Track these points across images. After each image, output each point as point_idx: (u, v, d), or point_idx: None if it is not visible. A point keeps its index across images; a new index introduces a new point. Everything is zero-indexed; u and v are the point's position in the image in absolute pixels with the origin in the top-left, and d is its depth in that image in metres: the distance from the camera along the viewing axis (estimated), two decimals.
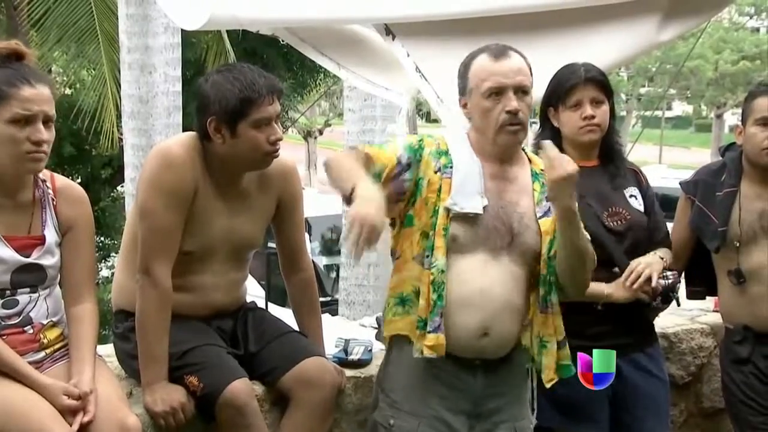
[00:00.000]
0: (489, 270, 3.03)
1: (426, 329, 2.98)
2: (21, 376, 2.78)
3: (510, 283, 3.05)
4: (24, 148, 2.76)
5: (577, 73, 3.53)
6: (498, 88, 3.01)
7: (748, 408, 3.73)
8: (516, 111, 3.00)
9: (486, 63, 3.07)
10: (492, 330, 3.03)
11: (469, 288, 3.01)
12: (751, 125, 3.67)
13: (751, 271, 3.68)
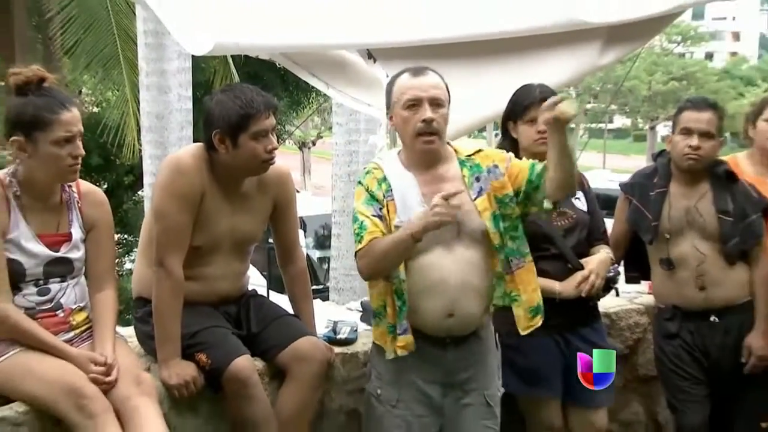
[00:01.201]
0: (445, 261, 3.05)
1: (396, 332, 3.04)
2: (55, 350, 2.82)
3: (466, 267, 3.07)
4: (66, 163, 2.84)
5: (532, 92, 3.54)
6: (415, 100, 3.04)
7: (676, 375, 3.78)
8: (431, 120, 3.02)
9: (406, 80, 3.11)
10: (455, 311, 3.06)
11: (431, 279, 3.04)
12: (677, 134, 3.72)
13: (678, 259, 3.72)
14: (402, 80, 3.12)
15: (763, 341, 3.70)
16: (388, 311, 3.07)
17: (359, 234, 3.01)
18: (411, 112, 3.04)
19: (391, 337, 3.07)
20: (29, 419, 2.76)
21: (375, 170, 3.14)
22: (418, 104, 3.04)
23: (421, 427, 3.17)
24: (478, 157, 3.17)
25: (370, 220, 3.01)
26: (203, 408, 3.13)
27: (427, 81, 3.08)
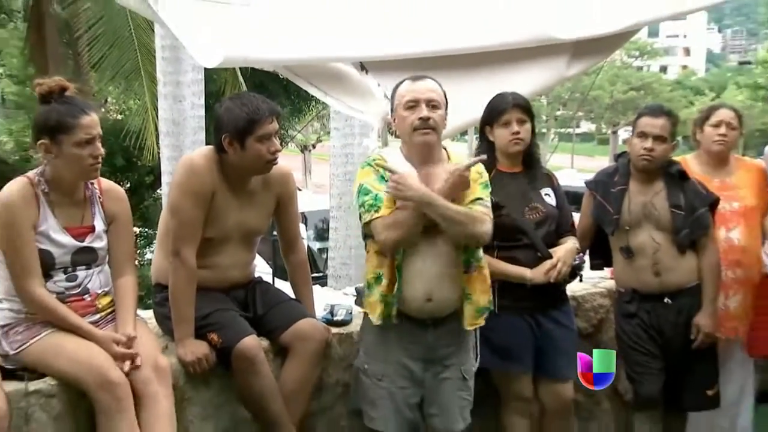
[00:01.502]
0: (426, 252, 3.07)
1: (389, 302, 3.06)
2: (83, 331, 2.83)
3: (444, 258, 3.09)
4: (88, 163, 2.85)
5: (506, 99, 3.56)
6: (414, 101, 3.09)
7: (634, 350, 3.78)
8: (427, 118, 3.06)
9: (406, 85, 3.16)
10: (434, 296, 3.08)
11: (414, 268, 3.06)
12: (635, 138, 3.74)
13: (636, 248, 3.73)
14: (403, 86, 3.17)
15: (709, 320, 3.72)
16: (384, 282, 3.06)
17: (375, 205, 3.01)
18: (410, 111, 3.09)
19: (382, 305, 3.07)
20: (60, 392, 2.77)
21: (379, 159, 3.16)
22: (416, 105, 3.09)
23: (403, 397, 3.18)
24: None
25: (384, 195, 3.02)
26: (214, 382, 3.12)
27: (424, 85, 3.14)
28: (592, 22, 4.02)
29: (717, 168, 4.15)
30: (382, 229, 2.98)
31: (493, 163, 3.55)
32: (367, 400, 3.22)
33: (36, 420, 2.72)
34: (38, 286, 2.81)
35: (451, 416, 3.26)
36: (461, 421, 3.28)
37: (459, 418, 3.27)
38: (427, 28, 3.84)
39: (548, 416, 3.78)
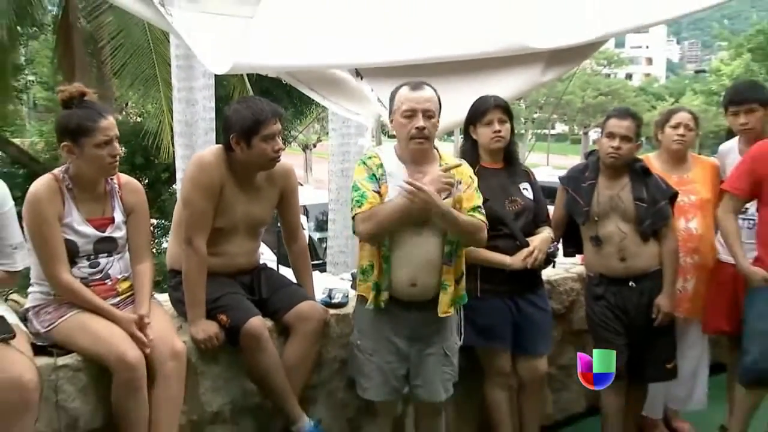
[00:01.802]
0: (414, 241, 3.07)
1: (380, 289, 3.06)
2: (105, 312, 2.82)
3: (429, 247, 3.08)
4: (107, 161, 2.84)
5: (488, 101, 3.56)
6: (411, 111, 3.06)
7: (602, 328, 3.78)
8: (422, 128, 3.04)
9: (405, 92, 3.11)
10: (418, 281, 3.08)
11: (401, 254, 3.06)
12: (603, 137, 3.75)
13: (604, 237, 3.72)
14: (402, 92, 3.13)
15: (668, 301, 3.73)
16: (375, 271, 3.07)
17: (360, 201, 3.01)
18: (407, 120, 3.06)
19: (374, 293, 3.07)
20: (85, 366, 2.77)
21: (374, 157, 3.15)
22: (414, 114, 3.05)
23: (391, 370, 3.20)
24: (456, 171, 3.18)
25: (371, 193, 3.02)
26: (224, 358, 3.11)
27: (422, 95, 3.09)
28: (565, 34, 4.00)
29: (676, 165, 4.15)
30: (359, 222, 3.00)
31: (476, 160, 3.56)
32: (360, 373, 3.23)
33: (64, 391, 2.71)
34: (64, 272, 2.81)
35: (433, 388, 3.27)
36: (443, 393, 3.29)
37: (441, 390, 3.28)
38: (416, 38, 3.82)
39: (525, 388, 3.81)
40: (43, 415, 2.61)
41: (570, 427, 4.40)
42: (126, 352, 2.71)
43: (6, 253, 2.75)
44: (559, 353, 4.32)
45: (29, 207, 2.79)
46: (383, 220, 2.97)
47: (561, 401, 4.41)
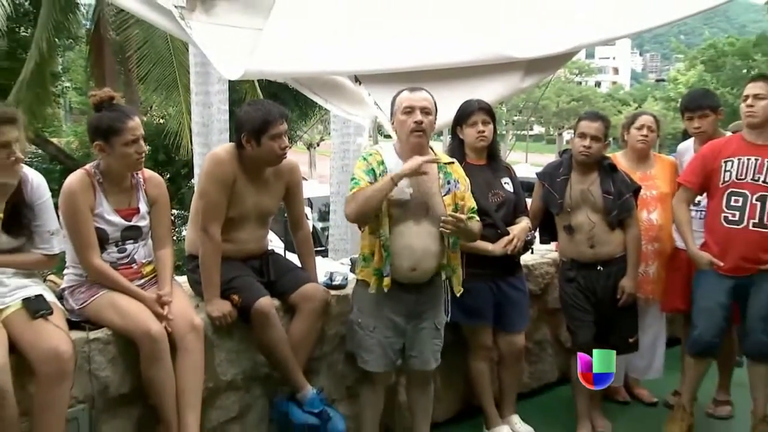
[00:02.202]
0: (414, 231, 3.07)
1: (382, 275, 3.05)
2: (131, 292, 2.81)
3: (428, 238, 3.08)
4: (134, 158, 2.82)
5: (473, 104, 3.57)
6: (410, 108, 3.06)
7: (573, 308, 3.78)
8: (420, 122, 3.04)
9: (405, 94, 3.12)
10: (418, 267, 3.07)
11: (403, 243, 3.05)
12: (576, 137, 3.74)
13: (576, 226, 3.70)
14: (402, 95, 3.14)
15: (632, 283, 3.73)
16: (375, 258, 3.06)
17: (352, 189, 3.02)
18: (406, 116, 3.07)
19: (375, 277, 3.07)
20: (114, 340, 2.75)
21: (375, 154, 3.14)
22: (412, 111, 3.06)
23: (389, 345, 3.20)
24: (450, 168, 3.21)
25: (363, 181, 3.01)
26: (236, 333, 3.09)
27: (419, 95, 3.11)
28: (541, 45, 4.01)
29: (640, 162, 4.15)
30: (346, 204, 3.05)
31: (463, 157, 3.54)
32: (361, 347, 3.22)
33: (95, 362, 2.70)
34: (96, 257, 2.79)
35: (426, 357, 3.28)
36: (434, 361, 3.31)
37: (432, 359, 3.30)
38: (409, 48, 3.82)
39: (504, 360, 3.81)
40: (77, 382, 2.60)
41: (544, 395, 4.39)
42: (150, 326, 2.70)
43: (44, 238, 2.72)
44: (535, 329, 4.32)
45: (64, 198, 2.78)
46: (364, 200, 2.96)
47: (536, 372, 4.40)
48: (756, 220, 3.57)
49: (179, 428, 2.74)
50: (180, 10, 3.54)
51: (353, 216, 3.05)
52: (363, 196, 2.97)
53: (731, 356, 4.20)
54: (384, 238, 3.03)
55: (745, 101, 3.62)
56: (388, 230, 3.04)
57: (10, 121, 2.51)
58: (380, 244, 3.04)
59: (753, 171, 3.58)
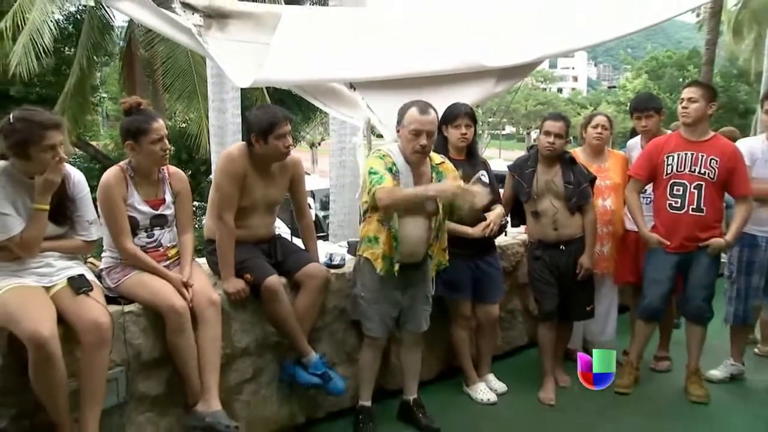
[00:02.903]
0: (412, 224, 3.09)
1: (392, 260, 3.07)
2: (159, 272, 2.78)
3: (421, 229, 3.12)
4: (159, 155, 2.79)
5: (460, 109, 3.58)
6: (417, 131, 3.02)
7: (539, 281, 3.77)
8: (424, 146, 3.02)
9: (415, 113, 3.05)
10: (414, 252, 3.13)
11: (404, 234, 3.07)
12: (541, 135, 3.72)
13: (542, 212, 3.69)
14: (412, 112, 3.06)
15: (589, 260, 3.72)
16: (385, 246, 3.07)
17: (380, 181, 2.98)
18: (413, 136, 3.03)
19: (384, 262, 3.08)
20: (145, 313, 2.73)
21: (387, 156, 3.11)
22: (419, 134, 3.02)
23: (387, 314, 3.22)
24: (441, 167, 3.20)
25: (389, 177, 3.00)
26: (249, 307, 3.05)
27: (427, 119, 3.05)
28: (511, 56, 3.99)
29: (596, 157, 4.12)
30: (383, 194, 2.96)
31: (446, 152, 3.52)
32: (364, 317, 3.23)
33: (130, 331, 2.68)
34: (128, 241, 2.77)
35: (418, 321, 3.31)
36: (424, 324, 3.33)
37: (423, 323, 3.33)
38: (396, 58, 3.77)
39: (481, 328, 3.82)
40: (115, 348, 2.59)
41: (515, 356, 4.39)
42: (174, 302, 2.68)
43: (84, 227, 2.69)
44: (508, 301, 4.31)
45: (102, 191, 2.75)
46: (402, 197, 2.98)
47: (508, 337, 4.39)
48: (694, 206, 3.63)
49: (201, 387, 2.73)
50: (198, 29, 3.50)
51: (391, 206, 3.00)
52: (403, 195, 2.98)
53: (671, 320, 4.26)
54: (395, 230, 3.04)
55: (680, 104, 3.68)
56: (397, 223, 3.05)
57: (56, 126, 2.48)
58: (391, 234, 3.05)
59: (690, 164, 3.64)
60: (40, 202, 2.47)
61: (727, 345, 4.11)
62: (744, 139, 4.12)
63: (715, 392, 3.83)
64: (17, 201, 2.48)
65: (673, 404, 3.70)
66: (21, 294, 2.41)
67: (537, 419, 3.54)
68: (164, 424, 2.82)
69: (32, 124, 2.42)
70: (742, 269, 3.88)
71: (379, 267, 3.09)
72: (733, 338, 4.09)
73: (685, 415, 3.59)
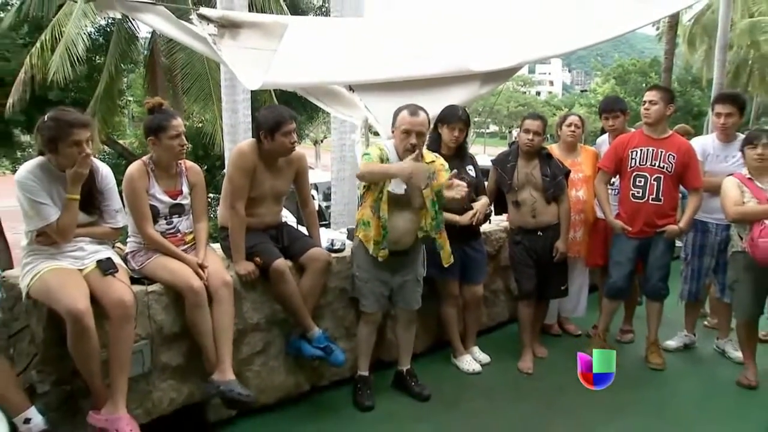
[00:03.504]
0: (400, 217, 3.08)
1: (380, 246, 3.05)
2: (177, 256, 2.77)
3: (408, 222, 3.10)
4: (177, 150, 2.76)
5: (457, 113, 3.53)
6: (408, 131, 3.00)
7: (519, 264, 3.76)
8: (414, 145, 2.98)
9: (406, 115, 3.03)
10: (399, 241, 3.11)
11: (392, 225, 3.05)
12: (521, 132, 3.71)
13: (521, 201, 3.67)
14: (403, 114, 3.05)
15: (563, 245, 3.72)
16: (374, 232, 3.05)
17: (368, 159, 3.00)
18: (404, 136, 3.02)
19: (374, 246, 3.06)
20: (166, 291, 2.72)
21: (383, 150, 3.08)
22: (409, 134, 3.00)
23: (380, 293, 3.20)
24: (432, 165, 3.12)
25: (375, 159, 3.00)
26: (259, 287, 3.03)
27: (417, 120, 3.02)
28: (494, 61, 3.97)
29: (569, 152, 4.11)
30: (362, 167, 2.99)
31: (439, 148, 3.50)
32: (360, 294, 3.22)
33: (153, 308, 2.67)
34: (150, 228, 2.75)
35: (409, 300, 3.29)
36: (416, 303, 3.31)
37: (414, 302, 3.30)
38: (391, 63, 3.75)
39: (468, 306, 3.79)
40: (140, 323, 2.59)
41: (498, 331, 4.38)
42: (192, 282, 2.66)
43: (111, 215, 2.68)
44: (492, 281, 4.29)
45: (126, 183, 2.74)
46: (370, 170, 2.96)
47: (492, 313, 4.38)
48: (654, 196, 3.65)
49: (216, 359, 2.72)
50: (213, 37, 3.48)
51: (364, 175, 3.01)
52: (374, 168, 2.96)
53: (634, 297, 4.26)
54: (384, 220, 3.02)
55: (643, 106, 3.72)
56: (387, 213, 3.02)
57: (82, 125, 2.47)
58: (381, 224, 3.03)
59: (651, 158, 3.65)
60: (72, 192, 2.46)
61: (682, 319, 4.16)
62: (697, 138, 4.14)
63: (671, 359, 3.90)
64: (53, 192, 2.47)
65: (635, 370, 3.72)
66: (59, 275, 2.43)
67: (516, 386, 3.54)
68: (185, 390, 2.81)
69: (61, 123, 2.42)
70: (695, 252, 3.93)
71: (371, 249, 3.08)
72: (687, 313, 4.15)
73: (645, 379, 3.62)
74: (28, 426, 2.22)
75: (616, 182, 3.90)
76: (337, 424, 3.05)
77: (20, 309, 2.53)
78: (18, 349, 2.52)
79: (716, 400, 3.40)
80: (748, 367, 3.58)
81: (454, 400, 3.31)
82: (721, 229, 3.81)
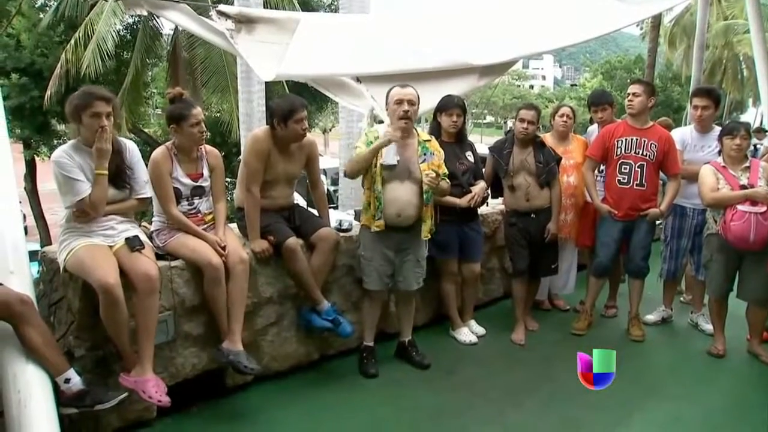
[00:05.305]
0: (400, 188, 3.04)
1: (375, 218, 3.02)
2: (198, 234, 2.76)
3: (410, 193, 3.05)
4: (198, 136, 2.75)
5: (453, 101, 3.51)
6: (399, 100, 3.00)
7: (514, 244, 3.75)
8: (406, 111, 2.98)
9: (396, 90, 3.04)
10: (402, 213, 3.05)
11: (391, 197, 3.02)
12: (517, 121, 3.69)
13: (517, 186, 3.64)
14: (394, 90, 3.07)
15: (555, 227, 3.70)
16: (371, 207, 3.04)
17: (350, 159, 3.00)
18: (397, 105, 3.01)
19: (373, 220, 3.05)
20: (187, 267, 2.72)
21: (374, 131, 3.10)
22: (401, 102, 2.99)
23: (383, 271, 3.18)
24: (428, 144, 3.13)
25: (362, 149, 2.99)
26: (272, 263, 3.02)
27: (407, 90, 3.05)
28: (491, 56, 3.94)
29: (561, 141, 4.06)
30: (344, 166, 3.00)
31: (439, 136, 3.47)
32: (364, 273, 3.20)
33: (176, 282, 2.67)
34: (173, 208, 2.74)
35: (409, 282, 3.25)
36: (415, 285, 3.28)
37: (414, 283, 3.27)
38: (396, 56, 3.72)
39: (465, 282, 3.78)
40: (164, 296, 2.60)
41: (493, 306, 4.37)
42: (211, 259, 2.66)
43: (141, 185, 2.66)
44: (488, 260, 4.27)
45: (152, 166, 2.72)
46: (359, 157, 2.96)
47: (488, 290, 4.37)
48: (638, 182, 3.65)
49: (228, 330, 2.74)
50: (230, 32, 3.46)
51: (348, 171, 3.02)
52: (357, 157, 2.96)
53: (618, 276, 4.28)
54: (377, 191, 2.99)
55: (627, 98, 3.72)
56: (381, 187, 3.00)
57: (104, 99, 2.44)
58: (374, 196, 3.00)
59: (635, 147, 3.65)
60: (99, 167, 2.45)
61: (661, 295, 4.17)
62: (677, 129, 4.13)
63: (650, 332, 3.92)
64: (85, 168, 2.47)
65: (617, 342, 3.72)
66: (92, 250, 2.44)
67: (510, 356, 3.55)
68: (205, 357, 2.83)
69: (85, 93, 2.44)
70: (674, 234, 3.93)
71: (372, 225, 3.06)
72: (666, 290, 4.15)
73: (627, 350, 3.62)
74: (68, 385, 2.27)
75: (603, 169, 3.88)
76: (344, 390, 3.07)
77: (58, 281, 2.55)
78: (57, 317, 2.55)
79: (688, 368, 3.46)
80: (718, 338, 3.63)
81: (451, 368, 3.32)
82: (697, 213, 3.82)
